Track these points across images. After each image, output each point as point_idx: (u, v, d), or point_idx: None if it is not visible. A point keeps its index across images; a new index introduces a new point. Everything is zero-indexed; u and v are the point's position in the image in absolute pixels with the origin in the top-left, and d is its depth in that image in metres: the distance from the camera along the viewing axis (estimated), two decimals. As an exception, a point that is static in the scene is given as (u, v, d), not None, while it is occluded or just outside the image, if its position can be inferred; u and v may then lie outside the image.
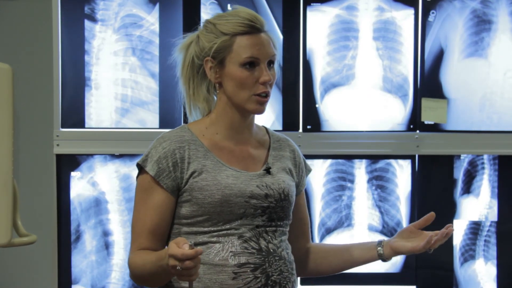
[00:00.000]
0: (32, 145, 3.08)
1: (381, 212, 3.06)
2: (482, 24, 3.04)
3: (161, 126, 2.99)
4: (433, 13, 3.03)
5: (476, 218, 3.09)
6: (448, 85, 3.05)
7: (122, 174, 3.01)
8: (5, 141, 2.19)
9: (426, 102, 3.03)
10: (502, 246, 3.08)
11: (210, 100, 1.98)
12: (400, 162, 3.06)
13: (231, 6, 3.00)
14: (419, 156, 3.06)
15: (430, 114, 3.03)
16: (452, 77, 3.05)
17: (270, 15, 3.01)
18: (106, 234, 3.01)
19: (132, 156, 3.00)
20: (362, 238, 3.05)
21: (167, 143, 1.92)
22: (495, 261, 3.08)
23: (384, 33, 3.03)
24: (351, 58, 3.03)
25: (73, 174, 3.00)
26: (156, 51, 2.99)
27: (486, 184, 3.09)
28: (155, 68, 3.00)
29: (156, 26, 2.99)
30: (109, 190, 3.01)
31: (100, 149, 2.99)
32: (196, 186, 1.89)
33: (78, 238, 3.02)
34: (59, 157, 3.00)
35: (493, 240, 3.09)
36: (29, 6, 3.06)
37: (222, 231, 1.89)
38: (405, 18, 3.03)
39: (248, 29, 1.91)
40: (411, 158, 3.06)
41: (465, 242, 3.09)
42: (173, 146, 1.91)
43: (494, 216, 3.09)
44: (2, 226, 2.02)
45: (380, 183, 3.06)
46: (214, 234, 1.89)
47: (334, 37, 3.03)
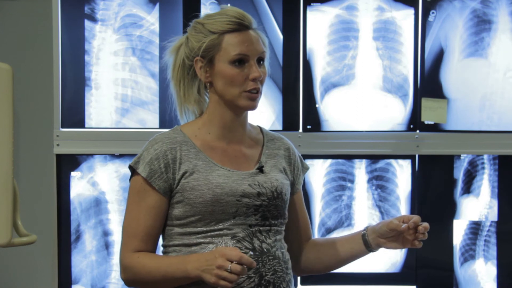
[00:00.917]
0: (32, 145, 3.08)
1: (381, 212, 3.06)
2: (482, 24, 3.04)
3: (161, 126, 2.99)
4: (433, 13, 3.03)
5: (476, 218, 3.09)
6: (448, 85, 3.05)
7: (122, 174, 3.01)
8: (5, 141, 2.19)
9: (426, 102, 3.03)
10: (502, 246, 3.08)
11: (202, 101, 1.98)
12: (400, 162, 3.06)
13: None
14: (419, 156, 3.06)
15: (430, 114, 3.03)
16: (452, 77, 3.05)
17: (270, 15, 3.01)
18: (106, 234, 3.01)
19: (132, 156, 2.99)
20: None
21: (159, 145, 1.93)
22: (495, 261, 3.08)
23: (384, 33, 3.03)
24: (351, 58, 3.03)
25: (73, 174, 3.00)
26: (156, 51, 2.99)
27: (486, 184, 3.09)
28: (155, 68, 3.00)
29: (156, 26, 2.99)
30: (109, 190, 3.01)
31: (100, 149, 2.99)
32: (187, 186, 1.90)
33: (78, 238, 3.02)
34: (59, 157, 3.00)
35: (493, 240, 3.09)
36: (29, 6, 3.06)
37: (215, 231, 1.90)
38: (405, 18, 3.03)
39: (236, 26, 1.92)
40: (411, 158, 3.06)
41: (465, 242, 3.09)
42: (164, 147, 1.92)
43: (494, 216, 3.09)
44: (2, 226, 2.02)
45: (380, 183, 3.06)
46: (207, 234, 1.90)
47: (334, 37, 3.03)
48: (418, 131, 3.05)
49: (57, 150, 2.99)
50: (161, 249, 1.99)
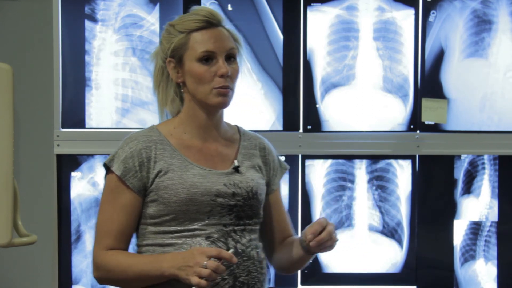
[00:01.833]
0: (32, 145, 3.07)
1: (381, 212, 3.06)
2: (482, 24, 3.04)
3: (161, 126, 2.99)
4: (433, 13, 3.03)
5: (476, 218, 3.09)
6: (448, 85, 3.05)
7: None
8: (5, 141, 2.19)
9: (426, 102, 3.03)
10: (502, 246, 3.08)
11: (178, 101, 1.99)
12: (400, 162, 3.06)
13: (230, 6, 3.00)
14: (420, 156, 3.06)
15: (430, 114, 3.03)
16: (452, 77, 3.05)
17: (271, 15, 3.01)
18: (106, 234, 3.01)
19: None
20: (362, 239, 3.05)
21: (134, 143, 1.93)
22: (496, 261, 3.08)
23: (384, 33, 3.03)
24: (352, 58, 3.03)
25: (73, 174, 3.00)
26: (156, 51, 2.99)
27: (486, 184, 3.09)
28: (156, 68, 2.99)
29: (156, 26, 2.99)
30: (109, 190, 3.01)
31: (100, 149, 2.99)
32: (162, 185, 1.90)
33: (78, 238, 3.02)
34: (60, 157, 3.00)
35: (493, 240, 3.09)
36: (29, 6, 3.06)
37: (189, 231, 1.89)
38: (405, 18, 3.03)
39: (203, 24, 1.93)
40: (412, 158, 3.06)
41: (465, 242, 3.09)
42: (139, 146, 1.92)
43: (494, 216, 3.09)
44: (2, 226, 2.02)
45: (380, 183, 3.06)
46: (181, 234, 1.90)
47: (335, 37, 3.03)
48: (418, 131, 3.05)
49: (57, 150, 2.99)
50: (135, 248, 1.99)
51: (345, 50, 3.03)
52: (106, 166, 1.94)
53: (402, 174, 3.07)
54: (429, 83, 3.04)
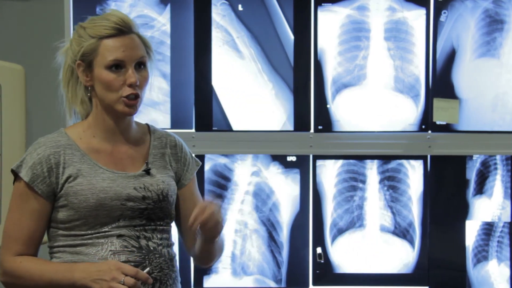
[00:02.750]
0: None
1: (393, 212, 3.05)
2: (494, 24, 3.03)
3: (172, 127, 2.99)
4: (444, 13, 3.02)
5: (489, 219, 3.07)
6: (460, 85, 3.04)
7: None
8: (18, 140, 2.20)
9: (438, 102, 3.02)
10: (515, 247, 3.07)
11: (87, 103, 1.99)
12: (412, 162, 3.05)
13: (241, 6, 3.00)
14: (431, 156, 3.05)
15: (442, 114, 3.02)
16: (464, 77, 3.04)
17: (281, 16, 3.01)
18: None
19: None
20: (373, 239, 3.05)
21: (42, 149, 1.93)
22: (509, 262, 3.07)
23: (395, 33, 3.02)
24: (363, 58, 3.03)
25: (85, 174, 3.00)
26: (167, 52, 3.00)
27: (499, 184, 3.07)
28: (167, 68, 3.00)
29: (167, 27, 3.00)
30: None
31: (111, 149, 2.99)
32: (71, 191, 1.90)
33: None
34: (71, 158, 3.00)
35: (506, 241, 3.07)
36: (41, 7, 3.07)
37: (101, 233, 1.90)
38: (416, 18, 3.03)
39: (113, 31, 1.93)
40: (423, 158, 3.05)
41: (478, 243, 3.08)
42: (48, 151, 1.92)
43: (507, 216, 3.07)
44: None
45: (392, 184, 3.05)
46: (93, 236, 1.91)
47: (345, 37, 3.03)
48: (430, 132, 3.04)
49: (69, 151, 2.99)
50: (47, 249, 1.99)
51: (356, 50, 3.02)
52: (14, 173, 1.93)
53: (414, 175, 3.06)
54: (440, 83, 3.03)
